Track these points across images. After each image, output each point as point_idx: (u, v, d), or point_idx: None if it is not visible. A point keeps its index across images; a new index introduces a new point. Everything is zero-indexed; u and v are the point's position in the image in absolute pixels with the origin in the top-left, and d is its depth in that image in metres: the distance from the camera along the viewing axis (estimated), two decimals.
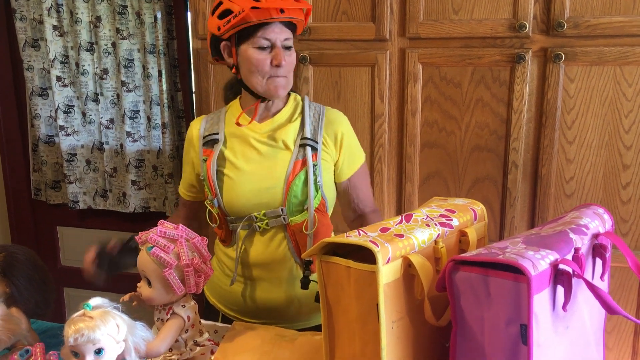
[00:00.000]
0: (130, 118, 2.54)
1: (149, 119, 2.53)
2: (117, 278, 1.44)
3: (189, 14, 2.45)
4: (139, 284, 1.20)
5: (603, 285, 1.05)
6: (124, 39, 2.48)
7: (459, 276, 0.91)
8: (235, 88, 1.54)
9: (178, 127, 2.57)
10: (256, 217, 1.42)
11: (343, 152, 1.49)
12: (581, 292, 0.95)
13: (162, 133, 2.52)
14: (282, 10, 1.33)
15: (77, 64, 2.56)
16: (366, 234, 0.98)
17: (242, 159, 1.44)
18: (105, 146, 2.61)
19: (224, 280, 1.52)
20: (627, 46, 1.84)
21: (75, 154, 2.67)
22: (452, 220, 1.08)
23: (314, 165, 1.41)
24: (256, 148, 1.44)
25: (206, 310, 1.58)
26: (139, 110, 2.55)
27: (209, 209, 1.47)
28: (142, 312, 1.22)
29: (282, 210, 1.41)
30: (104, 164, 2.64)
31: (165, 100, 2.49)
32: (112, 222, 2.75)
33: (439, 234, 1.04)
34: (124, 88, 2.51)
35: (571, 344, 0.96)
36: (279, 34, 1.37)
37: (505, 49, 1.94)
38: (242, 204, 1.42)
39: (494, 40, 1.94)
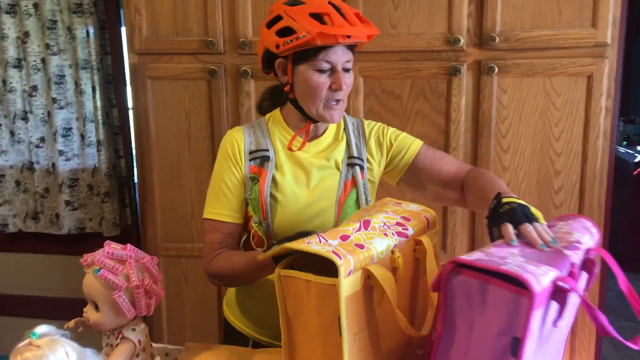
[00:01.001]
0: (63, 136, 2.45)
1: (82, 136, 2.44)
2: (58, 304, 1.35)
3: (123, 29, 2.40)
4: (85, 309, 1.15)
5: None
6: (54, 54, 2.38)
7: (458, 280, 0.89)
8: (277, 99, 1.44)
9: (114, 145, 2.49)
10: None
11: (393, 145, 1.42)
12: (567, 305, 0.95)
13: (98, 150, 2.44)
14: (348, 36, 1.25)
15: (4, 81, 2.45)
16: (327, 241, 0.98)
17: (293, 181, 1.36)
18: (35, 166, 2.49)
19: (256, 305, 1.42)
20: (555, 58, 1.94)
21: (4, 175, 2.54)
22: (408, 229, 1.09)
23: (363, 184, 1.37)
24: (307, 169, 1.37)
25: (232, 336, 1.46)
26: (71, 128, 2.45)
27: (253, 232, 1.36)
28: (88, 338, 1.16)
29: None
30: (34, 184, 2.52)
31: (100, 117, 2.41)
32: (45, 245, 2.63)
33: (395, 244, 1.05)
34: (55, 105, 2.42)
35: (546, 352, 0.96)
36: (341, 57, 1.28)
37: (442, 61, 2.00)
38: (293, 228, 1.31)
39: (431, 53, 2.00)
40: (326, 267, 1.08)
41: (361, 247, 0.98)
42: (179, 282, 2.30)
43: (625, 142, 4.51)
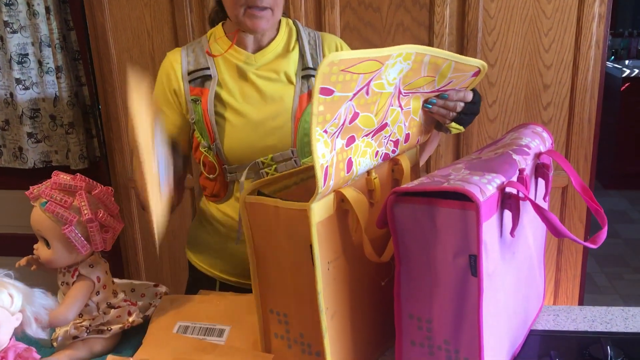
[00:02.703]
0: (19, 63, 2.27)
1: (40, 62, 2.26)
2: (27, 240, 1.20)
3: None
4: (35, 246, 1.05)
5: (545, 206, 1.01)
6: None
7: (402, 209, 0.83)
8: (223, 12, 1.27)
9: (75, 71, 2.32)
10: (263, 163, 1.21)
11: None
12: (526, 214, 0.90)
13: (57, 78, 2.27)
14: None
15: None
16: (334, 143, 0.82)
17: (241, 98, 1.22)
18: None
19: (218, 242, 1.31)
20: None
21: None
22: (395, 151, 0.99)
23: None
24: (255, 84, 1.22)
25: (198, 279, 1.36)
26: (27, 54, 2.27)
27: (203, 158, 1.25)
28: (44, 276, 1.07)
29: (292, 152, 1.21)
30: None
31: (57, 41, 2.22)
32: (10, 180, 2.49)
33: (373, 166, 0.95)
34: (8, 29, 2.22)
35: (517, 270, 0.91)
36: None
37: None
38: (246, 149, 1.21)
39: None
40: (296, 192, 0.99)
41: (349, 167, 0.86)
42: None
43: (612, 57, 4.39)
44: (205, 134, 1.22)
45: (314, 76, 1.23)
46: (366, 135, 0.91)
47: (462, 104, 1.08)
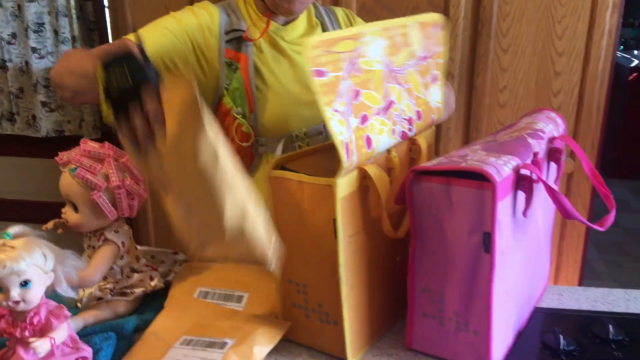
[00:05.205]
0: (35, 32, 2.29)
1: (56, 32, 2.29)
2: (38, 207, 1.25)
3: None
4: (63, 210, 1.08)
5: (556, 189, 1.04)
6: None
7: (420, 187, 0.87)
8: None
9: (90, 42, 2.34)
10: (297, 136, 1.21)
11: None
12: (537, 197, 0.94)
13: (73, 47, 2.29)
14: None
15: None
16: (348, 120, 0.86)
17: (276, 68, 1.21)
18: (8, 64, 2.35)
19: None
20: None
21: None
22: (412, 130, 1.02)
23: None
24: (290, 56, 1.22)
25: None
26: (44, 23, 2.29)
27: (236, 126, 1.21)
28: (69, 240, 1.11)
29: (323, 126, 1.22)
30: (8, 84, 2.38)
31: (74, 11, 2.24)
32: (23, 148, 2.53)
33: (393, 144, 0.99)
34: None
35: (527, 249, 0.95)
36: None
37: None
38: (283, 121, 1.19)
39: None
40: (319, 165, 1.02)
41: (369, 144, 0.90)
42: None
43: (621, 47, 4.39)
44: (243, 102, 1.19)
45: None
46: (377, 114, 0.94)
47: None
